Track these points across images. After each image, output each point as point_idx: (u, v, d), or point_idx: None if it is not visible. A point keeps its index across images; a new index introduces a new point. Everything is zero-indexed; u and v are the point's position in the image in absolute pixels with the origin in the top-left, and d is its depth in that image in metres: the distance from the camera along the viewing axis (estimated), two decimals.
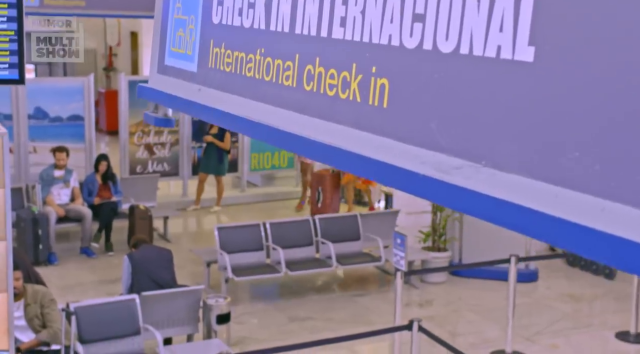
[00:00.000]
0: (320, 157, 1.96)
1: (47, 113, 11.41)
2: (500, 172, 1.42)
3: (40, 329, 6.00)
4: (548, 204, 1.30)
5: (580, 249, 1.25)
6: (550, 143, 1.31)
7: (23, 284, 6.00)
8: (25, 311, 5.98)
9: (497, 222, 1.42)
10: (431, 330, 7.16)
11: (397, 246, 7.00)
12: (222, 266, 8.49)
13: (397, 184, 1.66)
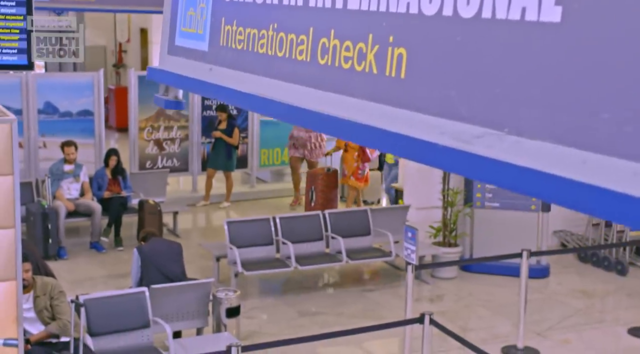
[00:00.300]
0: (336, 132, 1.91)
1: (57, 108, 11.39)
2: (524, 139, 1.36)
3: (50, 322, 5.97)
4: (576, 170, 1.25)
5: (612, 215, 1.20)
6: (578, 106, 1.26)
7: (32, 275, 5.97)
8: (35, 303, 5.95)
9: (522, 191, 1.37)
10: (443, 323, 7.11)
11: (408, 239, 6.95)
12: (231, 260, 8.45)
13: (415, 156, 1.61)
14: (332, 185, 11.15)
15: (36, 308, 5.94)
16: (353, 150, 11.26)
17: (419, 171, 9.61)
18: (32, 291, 5.95)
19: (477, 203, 9.43)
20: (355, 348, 7.47)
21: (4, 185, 3.65)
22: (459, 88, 1.50)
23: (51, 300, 5.98)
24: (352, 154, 11.29)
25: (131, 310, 6.46)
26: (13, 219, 3.72)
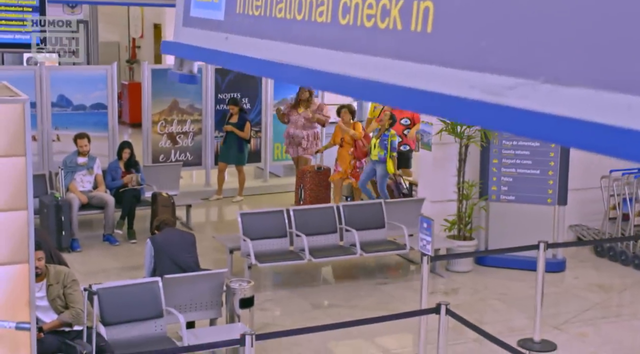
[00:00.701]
0: (360, 93, 1.84)
1: (71, 101, 11.38)
2: (561, 87, 1.29)
3: (63, 310, 5.93)
4: (620, 116, 1.17)
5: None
6: (622, 46, 1.18)
7: (45, 264, 5.93)
8: (48, 292, 5.91)
9: (561, 141, 1.29)
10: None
11: (424, 230, 6.87)
12: (244, 252, 8.40)
13: (445, 112, 1.54)
14: (323, 184, 10.84)
15: (49, 297, 5.90)
16: (348, 145, 10.89)
17: (434, 163, 9.52)
18: (45, 279, 5.91)
19: (493, 196, 9.34)
20: (369, 343, 7.39)
21: (17, 166, 3.61)
22: (490, 38, 1.43)
23: (64, 289, 5.94)
24: (347, 150, 10.92)
25: (144, 300, 6.41)
26: (25, 201, 3.67)
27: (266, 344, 6.99)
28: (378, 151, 10.40)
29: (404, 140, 11.33)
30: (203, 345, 5.88)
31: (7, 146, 3.54)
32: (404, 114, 11.27)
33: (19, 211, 3.69)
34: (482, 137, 9.09)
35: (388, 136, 10.35)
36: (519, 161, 9.21)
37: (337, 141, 11.01)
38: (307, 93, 11.65)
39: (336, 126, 11.13)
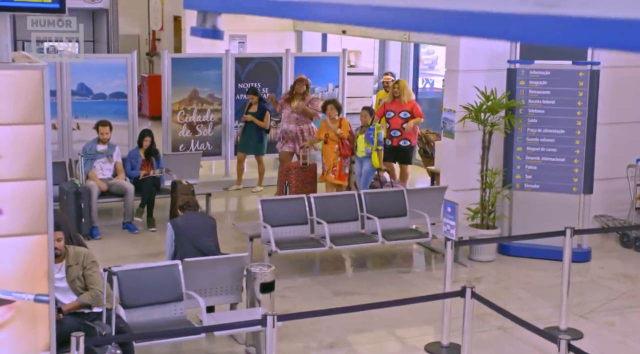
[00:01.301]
0: (392, 23, 1.72)
1: (91, 90, 11.35)
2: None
3: (82, 292, 5.87)
4: None
5: None
6: None
7: (64, 245, 5.87)
8: (67, 273, 5.84)
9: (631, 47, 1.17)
10: (481, 306, 6.90)
11: (448, 214, 6.76)
12: (265, 239, 8.31)
13: (493, 33, 1.42)
14: (309, 181, 10.34)
15: (68, 278, 5.84)
16: (333, 142, 10.33)
17: (457, 151, 9.39)
18: (65, 260, 5.85)
19: (517, 185, 9.19)
20: (389, 331, 7.26)
21: (35, 135, 3.53)
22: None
23: (83, 270, 5.88)
24: (332, 147, 10.33)
25: (164, 283, 6.34)
26: (44, 170, 3.60)
27: (286, 330, 6.90)
28: (365, 146, 9.99)
29: (403, 134, 10.94)
30: (224, 325, 5.80)
31: (25, 114, 3.46)
32: (403, 107, 10.89)
33: (38, 180, 3.61)
34: (506, 125, 8.95)
35: (373, 130, 9.96)
36: (544, 148, 9.06)
37: (322, 137, 10.52)
38: (304, 86, 11.24)
39: (322, 121, 10.70)
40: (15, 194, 3.59)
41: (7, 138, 3.51)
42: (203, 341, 6.80)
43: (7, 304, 3.66)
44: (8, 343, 3.68)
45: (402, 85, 11.11)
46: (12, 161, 3.53)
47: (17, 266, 3.65)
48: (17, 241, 3.64)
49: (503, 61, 9.11)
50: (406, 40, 14.12)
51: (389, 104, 11.09)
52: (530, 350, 6.86)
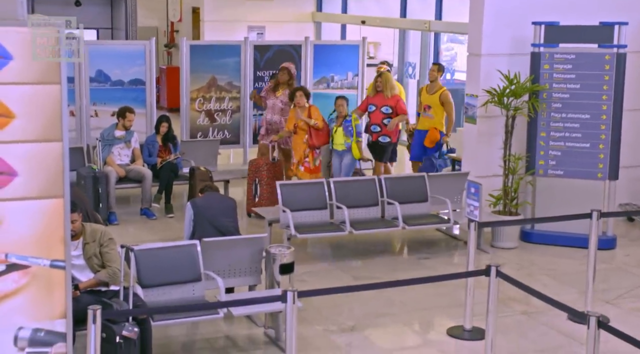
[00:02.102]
0: None
1: (109, 76, 11.30)
2: None
3: (99, 269, 5.78)
4: None
5: None
6: None
7: (82, 223, 5.78)
8: (84, 250, 5.75)
9: None
10: (505, 292, 6.77)
11: (471, 195, 6.62)
12: (284, 223, 8.19)
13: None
14: (279, 177, 9.64)
15: (85, 255, 5.75)
16: (303, 132, 9.73)
17: (479, 137, 9.23)
18: (82, 237, 5.76)
19: (540, 171, 9.03)
20: (411, 315, 7.11)
21: (51, 95, 3.44)
22: None
23: (100, 247, 5.79)
24: (301, 137, 9.75)
25: (182, 263, 6.24)
26: (60, 131, 3.51)
27: (306, 314, 6.79)
28: (344, 139, 9.63)
29: (383, 130, 10.20)
30: (243, 301, 5.70)
31: (41, 73, 3.37)
32: (386, 101, 10.19)
33: (54, 142, 3.52)
34: (530, 109, 8.78)
35: (351, 121, 9.61)
36: (568, 134, 8.88)
37: (291, 127, 9.89)
38: (287, 75, 10.63)
39: (290, 111, 10.08)
40: (30, 156, 3.50)
41: (22, 98, 3.42)
42: (221, 323, 6.71)
43: (22, 270, 3.57)
44: (24, 310, 3.59)
45: (385, 78, 10.34)
46: (27, 121, 3.44)
47: (33, 230, 3.56)
48: (32, 205, 3.55)
49: (526, 45, 8.95)
50: (426, 29, 13.98)
51: (372, 97, 10.41)
52: (555, 335, 6.71)
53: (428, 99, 10.51)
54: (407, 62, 15.46)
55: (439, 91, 10.46)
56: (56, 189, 3.56)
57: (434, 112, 10.48)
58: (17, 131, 3.47)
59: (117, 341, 5.30)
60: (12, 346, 3.62)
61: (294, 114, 9.89)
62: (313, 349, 6.26)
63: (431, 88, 10.54)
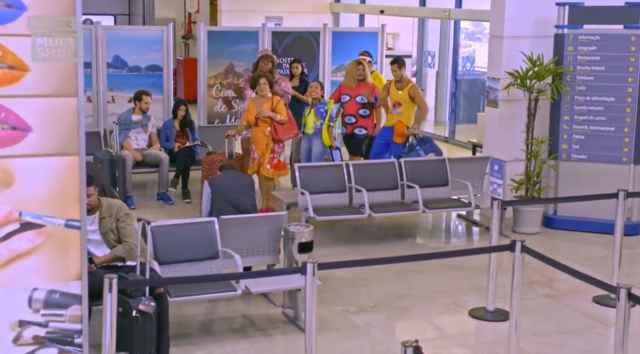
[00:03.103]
0: None
1: (126, 62, 11.22)
2: None
3: (115, 245, 5.68)
4: None
5: None
6: None
7: (98, 197, 5.68)
8: (100, 225, 5.65)
9: None
10: (527, 275, 6.62)
11: (494, 173, 6.49)
12: (302, 206, 8.07)
13: None
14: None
15: (102, 230, 5.65)
16: (265, 124, 8.67)
17: (501, 121, 9.07)
18: (98, 212, 5.66)
19: (563, 155, 8.86)
20: (432, 298, 6.97)
21: (67, 48, 3.33)
22: None
23: (117, 222, 5.69)
24: (263, 130, 8.67)
25: (200, 240, 6.14)
26: (75, 86, 3.40)
27: (324, 295, 6.67)
28: (314, 121, 9.11)
29: (359, 122, 9.59)
30: (262, 272, 5.59)
31: (56, 28, 3.26)
32: (359, 90, 9.62)
33: (69, 97, 3.41)
34: (554, 91, 8.61)
35: (326, 103, 9.15)
36: (592, 117, 8.71)
37: (251, 119, 8.76)
38: (270, 64, 9.77)
39: (250, 101, 9.07)
40: (45, 112, 3.40)
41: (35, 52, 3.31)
42: (239, 303, 6.61)
43: (37, 229, 3.47)
44: (38, 270, 3.49)
45: (367, 66, 9.93)
46: (42, 74, 3.34)
47: (48, 188, 3.46)
48: (47, 162, 3.44)
49: (549, 27, 8.79)
50: (446, 17, 13.82)
51: (345, 86, 9.76)
52: (580, 317, 6.56)
53: (397, 96, 9.43)
54: (426, 51, 15.30)
55: (407, 86, 9.39)
56: (71, 146, 3.46)
57: (404, 108, 9.35)
58: (32, 84, 3.37)
59: (133, 315, 5.21)
60: (27, 308, 3.53)
61: (255, 104, 8.82)
62: (332, 329, 6.14)
63: (400, 85, 9.42)
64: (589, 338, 6.16)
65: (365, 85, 9.70)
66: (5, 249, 3.44)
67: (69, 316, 3.59)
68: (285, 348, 5.88)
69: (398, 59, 9.59)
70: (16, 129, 3.39)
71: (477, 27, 15.13)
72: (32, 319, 3.55)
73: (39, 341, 3.57)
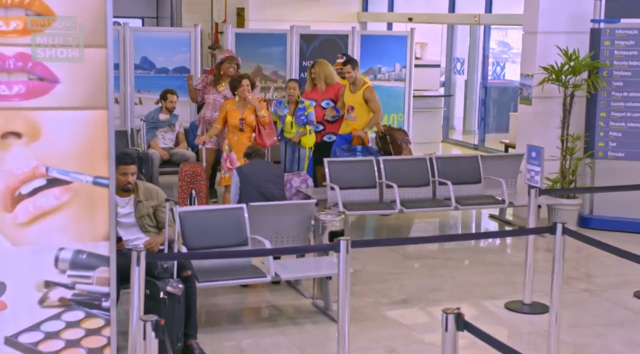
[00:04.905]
0: None
1: (154, 64, 11.17)
2: None
3: (150, 230, 5.51)
4: None
5: None
6: None
7: (135, 180, 5.53)
8: (136, 208, 5.48)
9: None
10: (565, 271, 6.40)
11: (532, 160, 6.30)
12: (331, 202, 7.90)
13: None
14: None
15: (137, 214, 5.47)
16: (250, 129, 8.04)
17: (534, 118, 8.87)
18: (133, 194, 5.50)
19: (599, 153, 8.63)
20: (465, 292, 6.73)
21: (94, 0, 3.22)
22: None
23: (156, 208, 5.54)
24: (248, 136, 8.06)
25: (228, 227, 5.99)
26: (104, 37, 3.28)
27: (356, 288, 6.48)
28: (297, 130, 8.49)
29: (327, 128, 8.99)
30: (296, 248, 5.42)
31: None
32: (324, 94, 9.07)
33: (98, 48, 3.29)
34: (590, 86, 8.40)
35: (304, 109, 8.48)
36: (630, 113, 8.49)
37: (236, 123, 8.03)
38: (235, 66, 9.18)
39: (223, 104, 8.31)
40: (73, 63, 3.28)
41: (64, 2, 3.20)
42: (267, 294, 6.45)
43: (63, 185, 3.34)
44: (65, 229, 3.36)
45: (320, 67, 9.13)
46: (71, 24, 3.21)
47: (75, 144, 3.33)
48: (75, 116, 3.32)
49: (585, 22, 8.60)
50: (476, 22, 13.65)
51: (309, 92, 9.07)
52: (621, 310, 6.32)
53: (351, 99, 8.81)
54: (455, 58, 15.14)
55: (362, 87, 8.75)
56: (100, 100, 3.33)
57: (357, 113, 8.74)
58: (60, 34, 3.25)
59: (161, 297, 5.06)
60: (53, 268, 3.39)
61: (235, 106, 8.12)
62: (365, 319, 5.95)
63: (353, 88, 8.80)
64: (631, 330, 5.92)
65: (319, 90, 8.99)
66: (31, 205, 3.31)
67: (96, 278, 3.45)
68: (315, 336, 5.70)
69: (351, 59, 9.03)
70: (43, 81, 3.27)
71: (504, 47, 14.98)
72: (58, 281, 3.41)
73: (65, 303, 3.43)
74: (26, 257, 3.33)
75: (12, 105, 3.26)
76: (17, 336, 3.40)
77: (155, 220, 5.57)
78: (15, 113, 3.25)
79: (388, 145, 9.00)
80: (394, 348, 5.48)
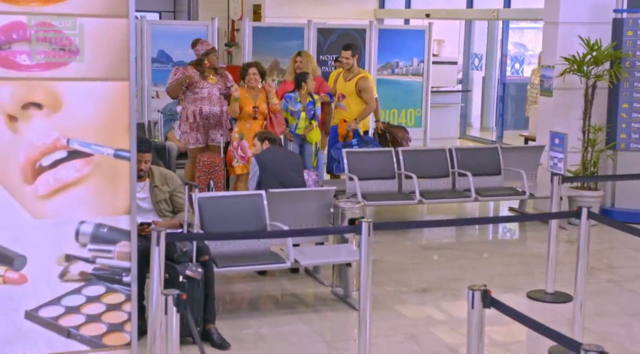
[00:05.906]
0: None
1: (171, 57, 11.15)
2: None
3: (167, 214, 5.48)
4: None
5: None
6: None
7: (150, 166, 5.50)
8: (152, 193, 5.45)
9: None
10: (589, 263, 6.30)
11: (555, 147, 6.20)
12: (350, 192, 7.84)
13: None
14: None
15: (153, 199, 5.45)
16: (262, 116, 7.85)
17: (555, 110, 8.77)
18: (148, 180, 5.47)
19: (621, 145, 8.51)
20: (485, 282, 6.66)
21: None
22: None
23: (173, 193, 5.50)
24: (260, 124, 7.84)
25: (247, 213, 5.94)
26: (126, 7, 3.23)
27: (376, 277, 6.35)
28: (306, 124, 8.14)
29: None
30: (315, 230, 5.36)
31: None
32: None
33: (119, 18, 3.24)
34: (612, 76, 8.29)
35: (314, 103, 8.15)
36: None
37: (250, 111, 7.81)
38: (215, 57, 8.64)
39: (238, 92, 7.82)
40: (94, 33, 3.23)
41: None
42: (286, 282, 6.39)
43: (84, 158, 3.30)
44: (86, 202, 3.31)
45: (307, 57, 8.81)
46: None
47: (96, 115, 3.28)
48: (96, 87, 3.27)
49: (607, 12, 8.49)
50: (494, 17, 13.54)
51: (288, 83, 8.64)
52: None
53: (343, 87, 8.56)
54: (473, 54, 15.04)
55: (357, 76, 8.53)
56: (121, 71, 3.28)
57: (348, 102, 8.49)
58: (80, 3, 3.21)
59: (180, 280, 5.01)
60: (74, 241, 3.34)
61: (246, 94, 7.89)
62: (385, 307, 5.88)
63: (348, 75, 8.57)
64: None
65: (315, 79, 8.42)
66: (52, 177, 3.26)
67: (117, 253, 3.39)
68: (335, 323, 5.63)
69: (352, 45, 8.77)
70: (63, 50, 3.23)
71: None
72: (79, 254, 3.36)
73: (86, 277, 3.38)
74: (47, 230, 3.28)
75: (33, 75, 3.22)
76: (38, 310, 3.35)
77: (172, 205, 5.54)
78: (36, 83, 3.21)
79: (388, 143, 8.87)
80: (414, 334, 5.41)
